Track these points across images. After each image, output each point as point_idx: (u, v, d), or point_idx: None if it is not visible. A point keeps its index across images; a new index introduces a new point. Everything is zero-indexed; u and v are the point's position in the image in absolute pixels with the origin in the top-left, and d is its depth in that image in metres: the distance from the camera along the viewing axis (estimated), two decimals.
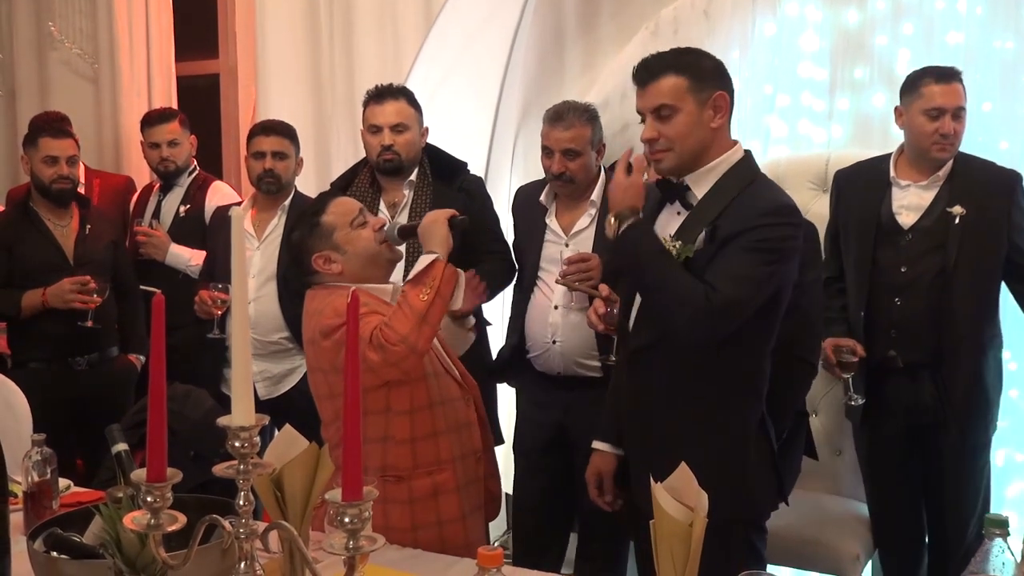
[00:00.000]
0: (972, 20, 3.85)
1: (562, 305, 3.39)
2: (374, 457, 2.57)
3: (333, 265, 2.64)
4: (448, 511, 2.62)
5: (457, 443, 2.67)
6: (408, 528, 2.57)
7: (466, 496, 2.67)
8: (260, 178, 3.98)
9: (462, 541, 2.60)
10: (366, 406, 2.49)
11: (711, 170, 2.50)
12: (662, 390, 2.53)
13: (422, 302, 2.46)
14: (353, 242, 2.65)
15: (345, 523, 1.34)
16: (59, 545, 1.96)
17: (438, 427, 2.62)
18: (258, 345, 3.90)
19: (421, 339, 2.46)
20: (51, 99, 5.49)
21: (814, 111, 4.12)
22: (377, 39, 4.65)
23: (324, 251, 2.65)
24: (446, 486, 2.62)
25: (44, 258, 4.05)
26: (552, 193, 3.53)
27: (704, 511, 1.75)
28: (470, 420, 2.74)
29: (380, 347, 2.43)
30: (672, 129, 2.47)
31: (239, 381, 1.43)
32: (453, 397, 2.70)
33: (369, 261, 2.67)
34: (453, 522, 2.62)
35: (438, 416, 2.63)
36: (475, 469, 2.73)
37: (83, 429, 4.02)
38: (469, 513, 2.68)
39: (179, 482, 1.42)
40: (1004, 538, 1.61)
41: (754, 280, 2.38)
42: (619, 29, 4.45)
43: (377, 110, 3.60)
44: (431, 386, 2.62)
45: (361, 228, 2.66)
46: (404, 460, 2.59)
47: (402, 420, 2.59)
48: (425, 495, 2.60)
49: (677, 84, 2.46)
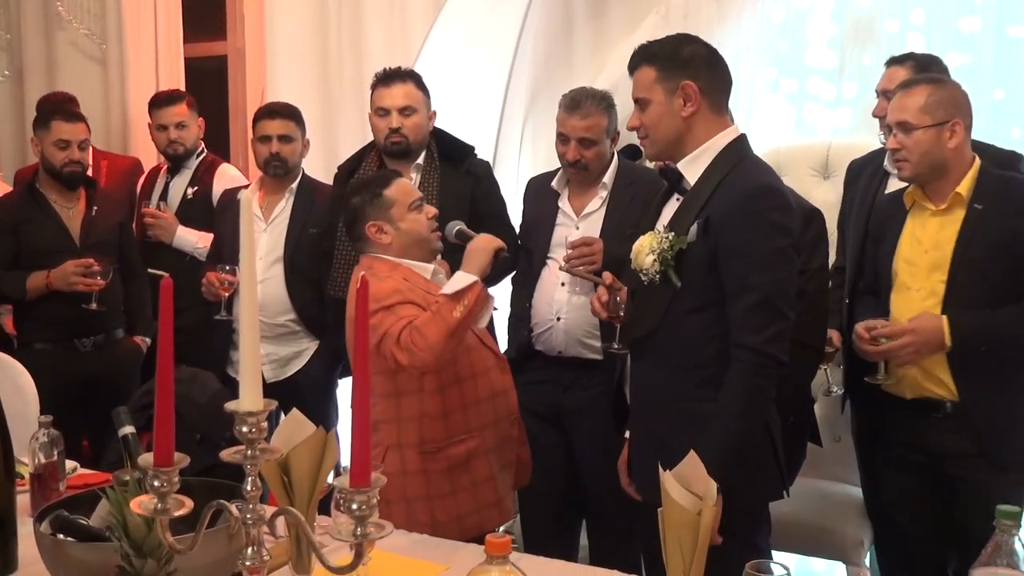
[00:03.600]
0: (986, 6, 3.82)
1: (568, 284, 3.40)
2: (412, 433, 2.77)
3: (383, 236, 2.81)
4: (481, 472, 2.81)
5: (491, 410, 2.85)
6: (448, 493, 2.77)
7: (495, 457, 2.86)
8: (267, 162, 3.97)
9: (494, 498, 2.83)
10: (399, 387, 2.77)
11: (700, 155, 2.52)
12: (662, 379, 2.55)
13: (455, 318, 2.61)
14: (408, 221, 2.82)
15: (353, 509, 1.34)
16: (65, 527, 1.95)
17: (468, 399, 2.80)
18: (265, 328, 3.89)
19: (447, 350, 2.62)
20: (59, 80, 5.48)
21: (821, 97, 4.10)
22: (385, 21, 4.64)
23: (379, 221, 2.81)
24: (478, 451, 2.81)
25: (51, 239, 4.05)
26: (564, 179, 3.53)
27: (713, 500, 1.75)
28: (506, 386, 2.92)
29: (408, 350, 2.60)
30: (647, 118, 2.56)
31: (247, 365, 1.42)
32: (488, 367, 2.87)
33: (417, 243, 2.84)
34: (486, 482, 2.82)
35: (468, 389, 2.80)
36: (508, 430, 2.91)
37: (89, 411, 4.01)
38: (499, 472, 2.87)
39: (186, 466, 1.42)
40: (1016, 529, 1.61)
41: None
42: (629, 14, 4.43)
43: (385, 93, 3.59)
44: (461, 363, 2.78)
45: (417, 211, 2.84)
46: (438, 433, 2.77)
47: (434, 398, 2.76)
48: (459, 462, 2.78)
49: (647, 75, 2.54)
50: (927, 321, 2.76)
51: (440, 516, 2.74)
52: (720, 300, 2.44)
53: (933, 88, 2.81)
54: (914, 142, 2.80)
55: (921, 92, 2.80)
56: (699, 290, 2.46)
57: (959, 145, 2.79)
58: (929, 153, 2.79)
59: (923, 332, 2.76)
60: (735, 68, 2.61)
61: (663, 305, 2.51)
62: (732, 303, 2.42)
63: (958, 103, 2.81)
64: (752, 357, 2.38)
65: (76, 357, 4.08)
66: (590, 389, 3.38)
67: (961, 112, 2.80)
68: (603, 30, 4.50)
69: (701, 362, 2.48)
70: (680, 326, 2.50)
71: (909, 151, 2.81)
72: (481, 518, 2.78)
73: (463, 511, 2.77)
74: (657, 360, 2.58)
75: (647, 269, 2.49)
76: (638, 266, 2.53)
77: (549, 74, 4.52)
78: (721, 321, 2.45)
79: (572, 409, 3.43)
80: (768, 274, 2.39)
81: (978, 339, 2.74)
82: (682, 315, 2.49)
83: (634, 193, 3.40)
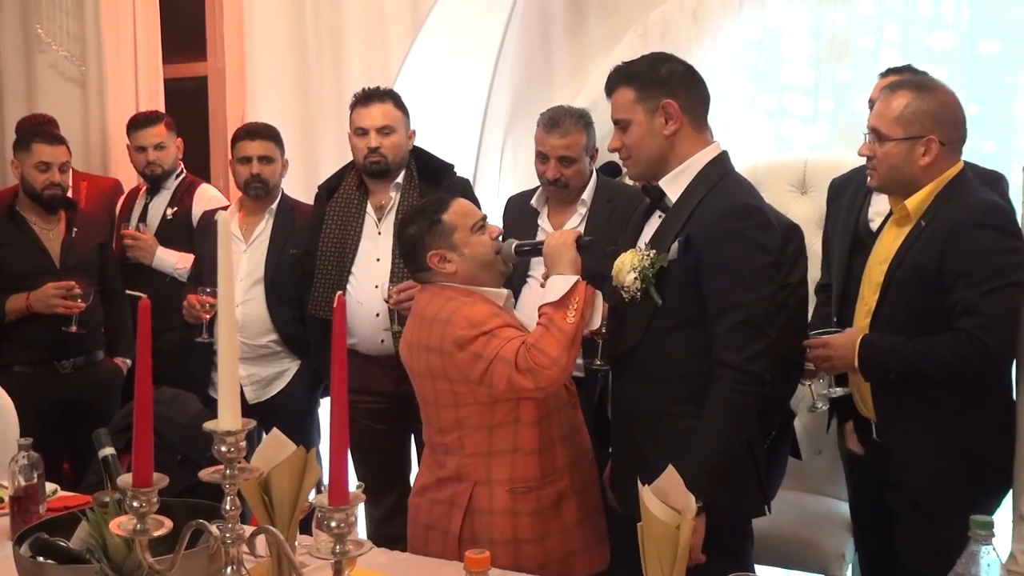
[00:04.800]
0: (958, 23, 3.87)
1: None
2: (502, 469, 2.59)
3: (448, 264, 2.64)
4: (570, 516, 2.65)
5: (572, 448, 2.69)
6: (538, 538, 2.59)
7: (583, 500, 2.70)
8: (247, 183, 3.97)
9: (581, 544, 2.66)
10: (494, 419, 2.57)
11: (682, 172, 2.53)
12: (643, 395, 2.56)
13: (570, 324, 2.47)
14: (471, 245, 2.65)
15: (332, 527, 1.34)
16: (45, 550, 1.95)
17: (554, 435, 2.63)
18: (246, 349, 3.89)
19: (571, 361, 2.48)
20: (38, 102, 5.46)
21: (798, 113, 4.14)
22: (365, 41, 4.65)
23: (440, 250, 2.64)
24: (566, 492, 2.65)
25: (30, 261, 4.03)
26: (544, 196, 3.55)
27: (691, 513, 1.76)
28: (578, 423, 2.76)
29: (530, 371, 2.43)
30: (629, 139, 2.55)
31: (226, 385, 1.43)
32: (563, 403, 2.71)
33: (484, 267, 2.67)
34: (574, 526, 2.65)
35: (554, 424, 2.64)
36: (589, 472, 2.75)
37: (70, 433, 4.00)
38: (587, 517, 2.70)
39: (166, 486, 1.42)
40: (989, 540, 1.62)
41: None
42: (608, 33, 4.46)
43: (364, 112, 3.61)
44: (549, 396, 2.61)
45: (480, 233, 2.67)
46: (532, 471, 2.60)
47: (531, 431, 2.59)
48: (550, 504, 2.62)
49: (626, 96, 2.54)
50: (846, 337, 2.70)
51: (526, 562, 2.52)
52: (701, 317, 2.46)
53: (914, 97, 2.63)
54: (884, 153, 2.65)
55: (900, 99, 2.63)
56: (680, 307, 2.48)
57: (932, 163, 2.60)
58: (897, 168, 2.64)
59: (838, 347, 2.70)
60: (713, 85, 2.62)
61: (644, 322, 2.53)
62: (714, 321, 2.42)
63: (939, 118, 2.61)
64: (734, 375, 2.39)
65: (56, 379, 4.07)
66: None
67: (941, 127, 2.61)
68: (582, 49, 4.53)
69: (682, 378, 2.49)
70: (661, 342, 2.51)
71: (878, 161, 2.67)
72: (567, 566, 2.63)
73: (551, 557, 2.60)
74: (638, 376, 2.59)
75: (628, 287, 2.50)
76: (619, 283, 2.54)
77: (529, 92, 4.54)
78: (702, 338, 2.46)
79: None
80: (750, 293, 2.40)
81: (885, 365, 2.64)
82: (663, 332, 2.51)
83: (613, 210, 3.42)
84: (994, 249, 2.53)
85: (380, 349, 3.57)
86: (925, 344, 2.56)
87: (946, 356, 2.53)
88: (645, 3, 4.35)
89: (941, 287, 2.55)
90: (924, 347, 2.56)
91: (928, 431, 2.63)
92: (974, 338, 2.49)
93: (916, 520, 2.66)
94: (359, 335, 3.59)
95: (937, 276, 2.55)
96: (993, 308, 2.50)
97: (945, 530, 2.53)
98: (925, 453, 2.63)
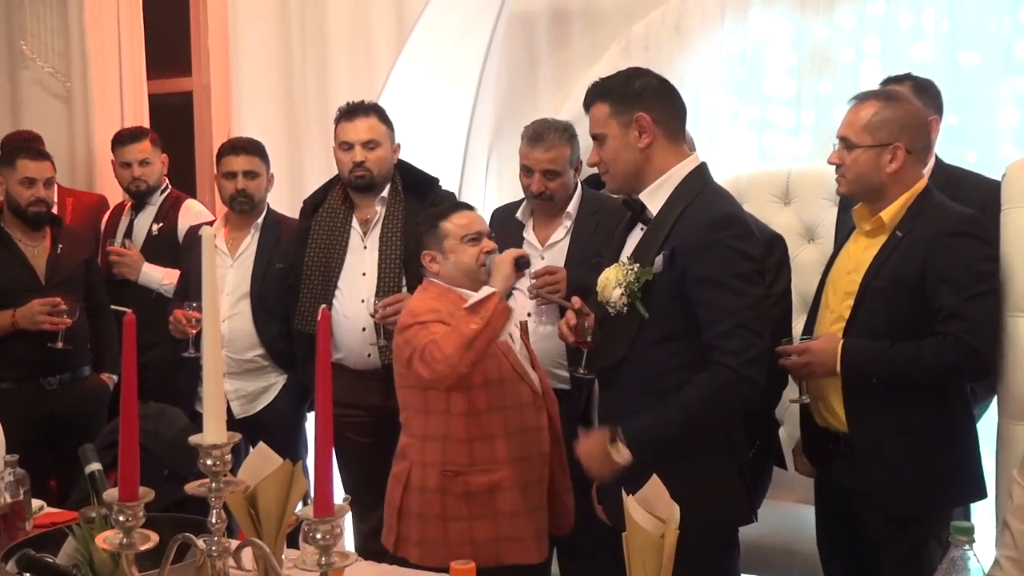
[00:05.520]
0: (938, 34, 3.90)
1: (535, 315, 3.41)
2: (435, 453, 2.91)
3: (434, 265, 3.00)
4: (503, 506, 2.89)
5: (520, 445, 2.92)
6: (465, 518, 2.88)
7: (526, 495, 2.93)
8: (232, 198, 3.97)
9: (515, 534, 2.90)
10: (428, 406, 2.91)
11: (661, 185, 2.55)
12: (629, 407, 2.56)
13: (471, 330, 2.71)
14: (458, 253, 2.97)
15: (317, 539, 1.35)
16: (32, 566, 1.94)
17: (496, 430, 2.89)
18: (232, 363, 3.89)
19: (463, 363, 2.72)
20: (23, 118, 5.46)
21: (781, 125, 4.16)
22: (350, 55, 4.66)
23: (432, 251, 3.00)
24: (503, 484, 2.89)
25: (15, 278, 4.02)
26: (529, 209, 3.57)
27: (676, 523, 1.77)
28: (539, 425, 2.98)
29: (427, 362, 2.76)
30: (605, 153, 2.60)
31: (211, 399, 1.44)
32: (522, 402, 2.95)
33: (464, 275, 2.97)
34: (507, 516, 2.90)
35: (496, 420, 2.90)
36: (540, 471, 2.97)
37: (57, 449, 3.99)
38: (528, 511, 2.93)
39: (153, 501, 1.42)
40: (970, 545, 1.63)
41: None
42: (591, 46, 4.49)
43: (348, 127, 3.61)
44: (492, 392, 2.89)
45: (470, 245, 2.97)
46: (462, 458, 2.89)
47: (461, 421, 2.88)
48: (481, 490, 2.89)
49: (601, 111, 2.59)
50: (825, 343, 2.70)
51: (453, 538, 2.85)
52: (687, 330, 2.48)
53: (882, 106, 2.70)
54: (852, 160, 2.70)
55: (869, 109, 2.70)
56: (666, 320, 2.50)
57: (899, 170, 2.66)
58: (865, 175, 2.69)
59: (819, 353, 2.70)
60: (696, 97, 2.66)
61: (631, 335, 2.55)
62: (707, 330, 2.45)
63: (906, 126, 2.68)
64: (729, 374, 2.42)
65: (42, 396, 4.05)
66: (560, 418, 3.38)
67: (907, 135, 2.67)
68: (566, 62, 4.55)
69: (669, 389, 2.50)
70: (648, 355, 2.53)
71: (847, 168, 2.72)
72: (499, 549, 2.87)
73: (480, 538, 2.87)
74: (624, 388, 2.61)
75: (615, 302, 2.52)
76: (605, 299, 2.56)
77: (513, 105, 4.56)
78: (688, 350, 2.48)
79: None
80: (740, 299, 2.43)
81: (869, 369, 2.65)
82: (649, 344, 2.53)
83: (598, 222, 3.44)
84: (976, 257, 2.59)
85: (367, 363, 3.57)
86: (910, 349, 2.59)
87: (933, 360, 2.56)
88: (628, 16, 4.38)
89: (922, 295, 2.59)
90: (910, 352, 2.59)
91: (901, 437, 2.65)
92: (962, 342, 2.53)
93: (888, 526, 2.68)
94: (345, 349, 3.59)
95: (919, 284, 2.59)
96: (978, 313, 2.56)
97: (919, 534, 2.59)
98: (897, 459, 2.65)
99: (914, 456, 2.64)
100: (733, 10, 4.22)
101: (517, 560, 2.90)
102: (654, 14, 4.34)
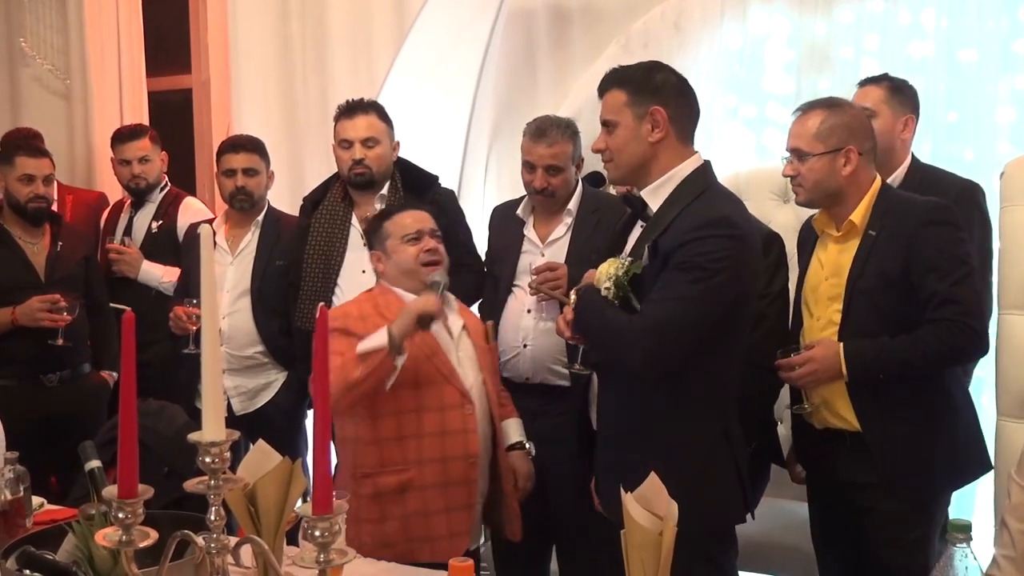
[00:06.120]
0: (937, 32, 3.91)
1: (535, 310, 3.42)
2: (346, 454, 2.96)
3: (380, 264, 3.07)
4: (413, 505, 2.89)
5: (438, 447, 2.90)
6: (375, 519, 2.88)
7: (446, 495, 2.91)
8: (232, 196, 3.98)
9: (427, 534, 2.89)
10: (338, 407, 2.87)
11: (664, 183, 2.54)
12: (625, 402, 2.57)
13: (354, 378, 2.75)
14: (398, 253, 3.02)
15: (315, 536, 1.35)
16: (32, 563, 1.95)
17: (406, 432, 2.89)
18: (232, 360, 3.90)
19: (343, 402, 2.77)
20: (23, 115, 5.47)
21: (780, 122, 4.16)
22: (350, 52, 4.66)
23: (377, 251, 3.08)
24: (412, 484, 2.89)
25: (15, 276, 4.03)
26: (530, 206, 3.56)
27: (674, 520, 1.77)
28: (466, 427, 2.94)
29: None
30: (613, 142, 2.57)
31: (209, 396, 1.44)
32: (448, 405, 2.92)
33: (405, 274, 3.02)
34: (418, 516, 2.89)
35: (409, 422, 2.89)
36: (465, 472, 2.93)
37: (57, 447, 3.98)
38: (446, 511, 2.91)
39: (153, 498, 1.43)
40: (967, 543, 1.63)
41: (681, 299, 2.40)
42: (591, 43, 4.49)
43: (348, 124, 3.62)
44: (404, 397, 2.87)
45: (409, 244, 3.01)
46: (370, 459, 2.90)
47: (366, 424, 2.89)
48: (391, 491, 2.89)
49: (617, 98, 2.56)
50: (826, 349, 2.73)
51: (365, 539, 2.82)
52: None
53: (828, 114, 2.77)
54: (807, 169, 2.77)
55: (815, 118, 2.77)
56: None
57: (854, 172, 2.74)
58: (823, 181, 2.76)
59: (822, 360, 2.73)
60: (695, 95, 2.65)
61: None
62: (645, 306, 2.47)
63: (853, 129, 2.76)
64: None
65: (42, 393, 4.06)
66: (559, 416, 3.36)
67: (856, 138, 2.75)
68: (565, 59, 4.56)
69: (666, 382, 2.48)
70: None
71: (803, 178, 2.79)
72: (411, 548, 2.85)
73: (391, 539, 2.86)
74: (621, 383, 2.60)
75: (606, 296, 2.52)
76: None
77: (513, 103, 4.57)
78: None
79: (541, 437, 3.40)
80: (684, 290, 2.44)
81: (874, 367, 2.69)
82: None
83: (598, 219, 3.44)
84: (951, 241, 2.69)
85: None
86: (910, 340, 2.65)
87: (936, 345, 2.63)
88: (627, 14, 4.38)
89: (907, 288, 2.67)
90: (911, 342, 2.65)
91: (911, 426, 2.72)
92: (959, 324, 2.61)
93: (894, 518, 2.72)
94: None
95: (902, 278, 2.67)
96: (968, 294, 2.65)
97: (923, 527, 2.63)
98: (911, 447, 2.71)
99: (926, 441, 2.70)
100: (732, 7, 4.23)
101: (431, 559, 2.76)
102: (653, 11, 4.34)
